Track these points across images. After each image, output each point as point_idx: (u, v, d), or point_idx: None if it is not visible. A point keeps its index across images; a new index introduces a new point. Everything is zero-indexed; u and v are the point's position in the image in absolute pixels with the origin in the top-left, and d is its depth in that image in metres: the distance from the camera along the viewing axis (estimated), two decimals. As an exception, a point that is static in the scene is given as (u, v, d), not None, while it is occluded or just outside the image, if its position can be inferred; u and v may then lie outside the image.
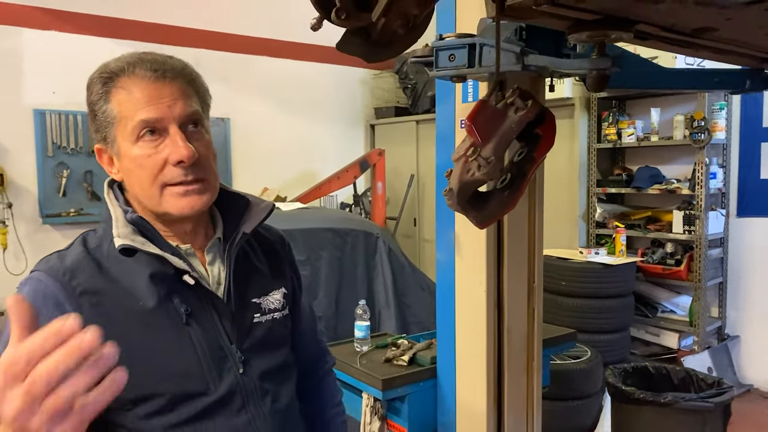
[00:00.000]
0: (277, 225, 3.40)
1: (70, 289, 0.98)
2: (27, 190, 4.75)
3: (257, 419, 1.06)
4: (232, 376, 1.05)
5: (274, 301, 1.18)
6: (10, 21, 4.62)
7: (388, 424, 2.45)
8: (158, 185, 1.03)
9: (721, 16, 1.35)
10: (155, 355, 0.99)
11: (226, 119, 5.69)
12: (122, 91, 1.01)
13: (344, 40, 1.10)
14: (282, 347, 1.18)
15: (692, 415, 2.45)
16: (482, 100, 1.05)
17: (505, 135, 1.03)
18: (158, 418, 0.98)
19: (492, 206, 1.04)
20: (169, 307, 1.03)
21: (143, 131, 1.01)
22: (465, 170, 1.01)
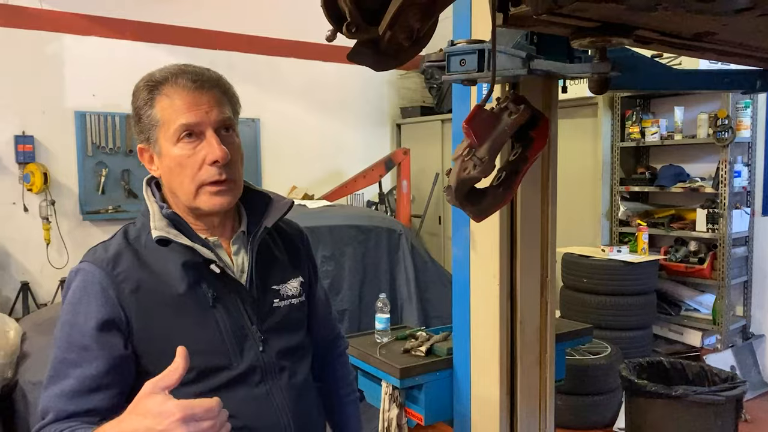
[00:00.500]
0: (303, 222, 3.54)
1: (113, 276, 1.12)
2: (68, 188, 5.00)
3: (275, 391, 1.19)
4: (252, 353, 1.18)
5: (291, 288, 1.30)
6: (53, 27, 4.86)
7: (405, 411, 2.56)
8: (196, 184, 1.16)
9: (716, 21, 1.43)
10: (185, 334, 1.12)
11: (256, 119, 5.87)
12: (165, 98, 1.14)
13: (355, 51, 1.22)
14: (299, 330, 1.31)
15: (703, 408, 2.50)
16: (478, 105, 1.15)
17: (499, 137, 1.13)
18: (188, 387, 1.10)
19: (487, 201, 1.15)
20: (197, 292, 1.16)
21: (183, 134, 1.14)
22: (462, 169, 1.11)
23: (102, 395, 1.07)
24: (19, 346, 3.10)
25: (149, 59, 5.15)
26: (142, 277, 1.13)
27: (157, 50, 5.26)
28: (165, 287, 1.14)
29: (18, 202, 4.80)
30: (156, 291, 1.13)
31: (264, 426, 1.17)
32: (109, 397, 1.07)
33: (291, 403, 1.21)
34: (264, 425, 1.17)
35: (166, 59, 4.55)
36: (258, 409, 1.17)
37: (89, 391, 1.06)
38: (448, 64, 1.83)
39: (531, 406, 2.39)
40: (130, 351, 1.11)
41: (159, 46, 5.28)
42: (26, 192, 4.80)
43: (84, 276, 1.13)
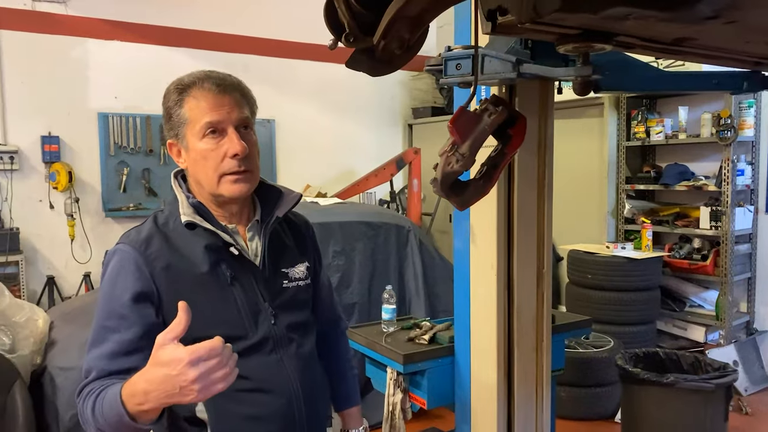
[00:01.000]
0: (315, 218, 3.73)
1: (146, 256, 1.28)
2: (92, 186, 5.21)
3: (284, 359, 1.34)
4: (266, 326, 1.34)
5: (299, 271, 1.45)
6: (78, 33, 5.08)
7: (409, 396, 2.70)
8: (218, 174, 1.31)
9: (690, 28, 1.56)
10: (206, 307, 1.28)
11: (272, 120, 6.05)
12: (193, 100, 1.30)
13: (352, 59, 1.36)
14: (304, 308, 1.46)
15: (694, 395, 2.60)
16: (462, 106, 1.29)
17: (479, 135, 1.27)
18: None
19: (469, 192, 1.29)
20: (218, 271, 1.31)
21: (208, 131, 1.30)
22: (447, 163, 1.25)
23: (137, 357, 1.22)
24: (47, 334, 3.29)
25: (169, 62, 5.36)
26: (171, 257, 1.29)
27: (177, 54, 5.46)
28: (190, 266, 1.30)
29: (44, 199, 5.02)
30: (182, 269, 1.29)
31: (276, 388, 1.32)
32: (144, 359, 1.22)
33: (299, 370, 1.36)
34: (276, 388, 1.32)
35: (185, 62, 4.82)
36: (271, 374, 1.32)
37: (126, 353, 1.22)
38: (445, 68, 1.97)
39: (528, 392, 2.51)
40: (160, 320, 1.26)
41: (178, 50, 5.48)
42: (52, 190, 5.02)
43: (121, 255, 1.29)
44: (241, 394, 1.28)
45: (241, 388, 1.27)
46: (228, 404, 1.27)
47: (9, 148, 4.88)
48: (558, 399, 3.88)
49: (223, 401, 1.26)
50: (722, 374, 2.68)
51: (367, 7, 1.28)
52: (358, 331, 2.93)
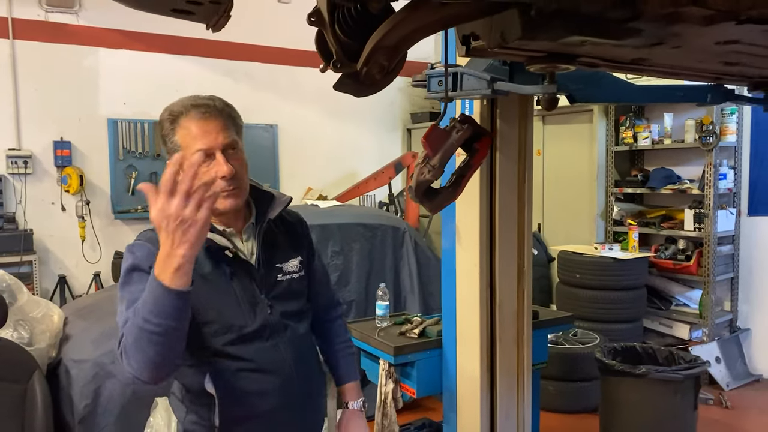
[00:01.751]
0: (314, 220, 3.92)
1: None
2: (101, 189, 5.43)
3: (280, 344, 1.53)
4: (263, 315, 1.52)
5: (292, 265, 1.63)
6: (89, 42, 5.30)
7: (400, 386, 2.90)
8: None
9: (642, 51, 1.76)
10: (211, 301, 1.47)
11: (274, 125, 6.25)
12: (183, 129, 1.46)
13: (339, 82, 1.56)
14: (299, 298, 1.64)
15: (664, 385, 2.79)
16: (434, 124, 1.49)
17: (448, 149, 1.47)
18: (218, 338, 1.46)
19: (440, 198, 1.48)
20: (219, 270, 1.50)
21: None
22: (420, 173, 1.45)
23: None
24: (61, 329, 3.49)
25: (175, 70, 5.58)
26: None
27: (183, 61, 5.68)
28: (195, 266, 1.47)
29: (56, 202, 5.25)
30: None
31: (273, 369, 1.50)
32: None
33: (293, 353, 1.54)
34: (273, 368, 1.50)
35: (190, 69, 5.09)
36: (269, 356, 1.50)
37: None
38: (429, 84, 2.18)
39: (510, 382, 2.71)
40: None
41: (184, 58, 5.70)
42: (64, 193, 5.24)
43: (141, 247, 1.47)
44: (243, 374, 1.48)
45: (243, 368, 1.48)
46: (233, 382, 1.47)
47: (23, 152, 5.10)
48: (546, 393, 4.06)
49: (228, 379, 1.47)
50: (691, 366, 2.86)
51: (351, 37, 1.49)
52: (353, 326, 3.13)
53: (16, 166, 5.07)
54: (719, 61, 2.11)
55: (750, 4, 1.36)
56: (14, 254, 4.85)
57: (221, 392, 1.46)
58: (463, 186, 1.51)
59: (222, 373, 1.46)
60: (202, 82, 5.79)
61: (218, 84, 5.88)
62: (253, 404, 1.48)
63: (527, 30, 1.54)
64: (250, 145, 6.11)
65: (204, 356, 1.47)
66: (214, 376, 1.46)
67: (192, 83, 5.68)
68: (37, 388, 2.83)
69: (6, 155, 5.07)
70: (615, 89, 2.54)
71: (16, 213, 5.08)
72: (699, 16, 1.42)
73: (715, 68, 2.21)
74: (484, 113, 2.55)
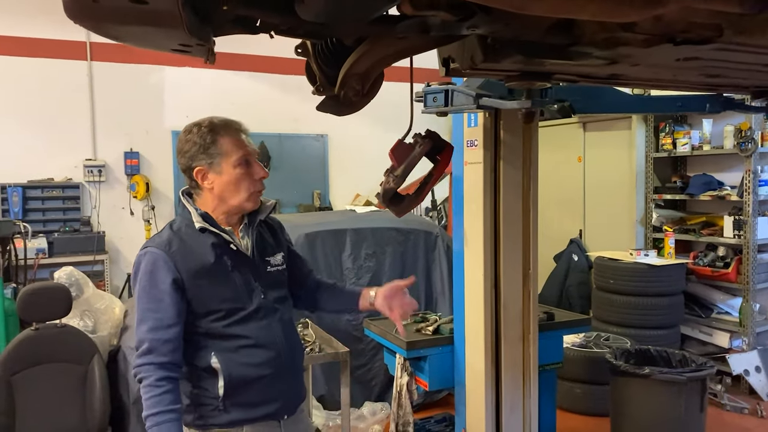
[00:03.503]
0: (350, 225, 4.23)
1: (170, 254, 1.74)
2: (165, 195, 5.93)
3: (272, 324, 1.81)
4: (259, 299, 1.79)
5: (277, 259, 1.91)
6: (155, 61, 5.82)
7: (415, 379, 3.10)
8: (249, 192, 1.78)
9: (615, 68, 1.92)
10: (215, 289, 1.75)
11: (324, 135, 6.60)
12: (225, 139, 1.75)
13: (323, 103, 1.81)
14: (283, 286, 1.92)
15: (669, 386, 2.84)
16: (399, 139, 1.71)
17: (411, 161, 1.68)
18: (219, 322, 1.74)
19: (404, 204, 1.70)
20: (221, 262, 1.77)
21: (242, 161, 1.76)
22: (386, 182, 1.67)
23: (173, 330, 1.69)
24: (122, 320, 3.92)
25: (233, 84, 6.02)
26: (187, 253, 1.75)
27: (239, 76, 6.12)
28: (202, 259, 1.76)
29: (126, 207, 5.78)
30: (196, 261, 1.75)
31: (268, 344, 1.78)
32: (177, 332, 1.71)
33: (282, 330, 1.82)
34: (268, 343, 1.78)
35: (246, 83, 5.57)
36: (263, 333, 1.78)
37: (165, 327, 1.69)
38: (425, 100, 2.40)
39: (515, 378, 2.85)
40: (185, 300, 1.74)
41: (240, 73, 6.13)
42: (132, 199, 5.77)
43: (151, 255, 1.75)
44: (243, 350, 1.75)
45: (243, 345, 1.75)
46: (234, 356, 1.74)
47: (98, 162, 5.67)
48: (573, 395, 4.15)
49: (231, 355, 1.74)
50: (697, 368, 2.90)
51: (330, 66, 1.74)
52: (375, 323, 3.36)
53: (91, 175, 5.64)
54: (699, 74, 2.23)
55: (682, 28, 1.53)
56: (89, 254, 5.39)
57: (225, 366, 1.72)
58: (425, 193, 1.71)
59: (225, 351, 1.74)
60: (255, 94, 6.22)
61: (271, 96, 6.29)
62: (251, 374, 1.74)
63: (488, 54, 1.76)
64: (301, 154, 6.53)
65: (208, 339, 1.75)
66: (219, 354, 1.74)
67: (247, 96, 6.12)
68: (96, 370, 3.23)
69: (84, 165, 5.65)
70: (613, 100, 2.66)
71: (91, 217, 5.64)
72: (636, 39, 1.59)
73: (696, 80, 2.32)
74: (487, 124, 2.73)
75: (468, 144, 2.84)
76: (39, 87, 5.54)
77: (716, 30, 1.43)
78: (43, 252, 5.21)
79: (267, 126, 6.22)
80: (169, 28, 1.21)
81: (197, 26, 1.24)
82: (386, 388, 4.08)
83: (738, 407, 4.15)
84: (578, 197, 5.72)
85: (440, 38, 1.57)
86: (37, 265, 5.11)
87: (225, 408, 1.74)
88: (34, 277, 5.00)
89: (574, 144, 5.71)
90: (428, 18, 1.38)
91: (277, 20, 1.38)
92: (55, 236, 5.38)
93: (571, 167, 5.73)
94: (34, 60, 5.51)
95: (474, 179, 2.78)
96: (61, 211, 5.64)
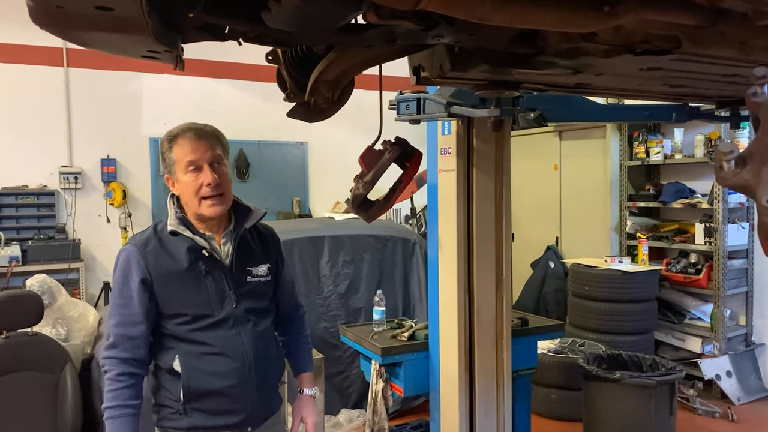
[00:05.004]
0: (328, 232, 4.22)
1: (144, 253, 1.75)
2: (143, 203, 5.89)
3: (242, 333, 1.79)
4: (229, 308, 1.78)
5: (261, 270, 1.88)
6: (134, 68, 5.80)
7: (390, 386, 3.11)
8: (198, 198, 1.76)
9: (581, 77, 1.96)
10: (185, 293, 1.75)
11: (305, 143, 6.60)
12: (178, 146, 1.76)
13: (293, 110, 1.83)
14: (263, 298, 1.89)
15: (639, 390, 2.88)
16: (369, 146, 1.73)
17: (380, 167, 1.71)
18: (184, 326, 1.74)
19: (373, 209, 1.72)
20: (195, 267, 1.78)
21: (190, 168, 1.76)
22: (356, 188, 1.69)
23: (139, 328, 1.71)
24: (96, 329, 3.88)
25: (213, 92, 6.01)
26: (162, 255, 1.76)
27: (219, 83, 6.11)
28: (175, 262, 1.76)
29: (102, 214, 5.73)
30: (169, 264, 1.75)
31: (233, 354, 1.75)
32: (143, 330, 1.72)
33: (252, 342, 1.79)
34: (232, 353, 1.75)
35: (227, 91, 5.58)
36: (229, 343, 1.76)
37: (130, 324, 1.71)
38: (398, 108, 2.43)
39: (488, 383, 2.88)
40: (154, 301, 1.75)
41: (220, 80, 6.12)
42: (109, 206, 5.72)
43: (127, 253, 1.78)
44: (206, 357, 1.75)
45: (207, 351, 1.75)
46: (196, 362, 1.74)
47: (74, 169, 5.62)
48: (549, 400, 4.19)
49: (193, 361, 1.74)
50: (666, 372, 2.95)
51: (300, 73, 1.76)
52: (351, 329, 3.37)
53: (67, 182, 5.58)
54: (662, 84, 2.29)
55: (641, 39, 1.57)
56: (64, 262, 5.33)
57: (185, 370, 1.72)
58: (394, 199, 1.74)
59: (189, 355, 1.74)
60: (236, 102, 6.22)
61: (252, 104, 6.29)
62: (213, 382, 1.74)
63: (455, 64, 1.79)
64: (281, 161, 6.53)
65: (174, 341, 1.75)
66: (182, 357, 1.74)
67: (227, 104, 6.11)
68: (68, 378, 3.19)
69: (59, 172, 5.59)
70: (584, 109, 2.72)
71: (66, 224, 5.58)
72: (598, 49, 1.63)
73: (661, 90, 2.38)
74: (460, 132, 2.77)
75: (442, 152, 2.87)
76: (14, 93, 5.49)
77: (674, 41, 1.48)
78: (16, 260, 5.14)
79: (247, 133, 6.21)
80: (136, 35, 1.22)
81: (164, 33, 1.25)
82: (363, 395, 4.08)
83: (710, 411, 4.21)
84: (555, 205, 5.80)
85: (407, 47, 1.60)
86: (10, 273, 5.03)
87: (185, 412, 1.74)
88: (7, 285, 4.93)
89: (550, 153, 5.79)
90: (394, 27, 1.41)
91: (244, 28, 1.39)
92: (29, 244, 5.31)
93: (548, 175, 5.81)
94: (9, 66, 5.45)
95: (448, 186, 2.81)
96: (36, 219, 5.58)
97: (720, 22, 1.31)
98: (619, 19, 1.24)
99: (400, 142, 1.73)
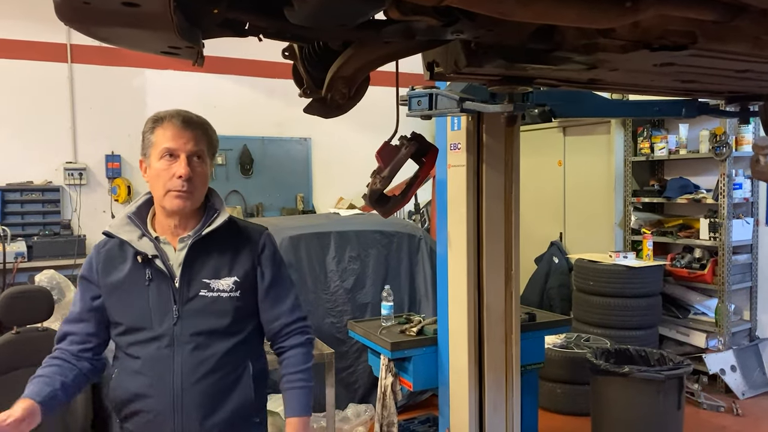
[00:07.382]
0: (334, 227, 4.22)
1: (99, 252, 1.66)
2: (148, 198, 5.89)
3: (176, 354, 1.58)
4: (167, 324, 1.59)
5: (223, 284, 1.63)
6: (138, 64, 5.79)
7: (399, 380, 3.13)
8: (165, 189, 1.59)
9: (595, 72, 1.97)
10: (124, 300, 1.61)
11: (308, 138, 6.61)
12: (161, 129, 1.61)
13: (309, 105, 1.84)
14: (222, 317, 1.62)
15: (648, 384, 2.90)
16: (386, 141, 1.74)
17: (397, 162, 1.71)
18: (123, 337, 1.62)
19: (390, 205, 1.73)
20: (140, 273, 1.61)
21: (165, 154, 1.59)
22: (373, 183, 1.70)
23: (80, 325, 1.64)
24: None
25: (217, 87, 6.01)
26: (113, 257, 1.64)
27: (223, 80, 6.11)
28: (120, 266, 1.63)
29: (107, 210, 5.73)
30: (117, 267, 1.63)
31: (155, 375, 1.57)
32: (82, 327, 1.64)
33: (188, 368, 1.57)
34: (155, 375, 1.57)
35: (230, 87, 5.59)
36: (158, 363, 1.58)
37: (73, 321, 1.66)
38: (410, 104, 2.44)
39: (498, 378, 2.89)
40: (100, 303, 1.63)
41: (225, 77, 6.12)
42: (113, 202, 5.73)
43: (91, 253, 1.71)
44: (132, 373, 1.59)
45: (133, 368, 1.60)
46: (123, 376, 1.62)
47: (79, 165, 5.62)
48: (554, 395, 4.21)
49: (122, 373, 1.62)
50: (674, 367, 2.97)
51: (317, 69, 1.76)
52: (360, 325, 3.39)
53: (72, 178, 5.59)
54: (674, 80, 2.29)
55: (658, 35, 1.58)
56: (69, 257, 5.33)
57: (115, 385, 1.63)
58: (411, 194, 1.75)
59: (121, 367, 1.64)
60: (240, 98, 6.22)
61: (256, 100, 6.29)
62: (133, 403, 1.60)
63: (471, 59, 1.80)
64: (285, 157, 6.53)
65: (119, 350, 1.66)
66: (118, 367, 1.65)
67: (231, 100, 6.11)
68: (78, 373, 3.21)
69: (64, 168, 5.60)
70: (593, 105, 2.73)
71: (71, 220, 5.58)
72: (614, 45, 1.64)
73: (672, 85, 2.39)
74: (470, 128, 2.77)
75: (451, 147, 2.88)
76: (19, 89, 5.48)
77: (691, 37, 1.49)
78: (22, 256, 5.15)
79: (250, 129, 6.22)
80: (159, 31, 1.23)
81: (187, 29, 1.26)
82: (370, 390, 4.10)
83: (714, 405, 4.24)
84: (558, 200, 5.81)
85: (425, 43, 1.61)
86: (16, 270, 5.04)
87: (121, 424, 1.66)
88: (13, 282, 4.94)
89: (554, 148, 5.80)
90: (413, 23, 1.41)
91: (265, 23, 1.40)
92: (35, 240, 5.31)
93: (552, 171, 5.82)
94: (14, 62, 5.45)
95: (457, 182, 2.82)
96: (41, 215, 5.58)
97: (737, 18, 1.31)
98: (639, 15, 1.25)
99: (417, 137, 1.74)
